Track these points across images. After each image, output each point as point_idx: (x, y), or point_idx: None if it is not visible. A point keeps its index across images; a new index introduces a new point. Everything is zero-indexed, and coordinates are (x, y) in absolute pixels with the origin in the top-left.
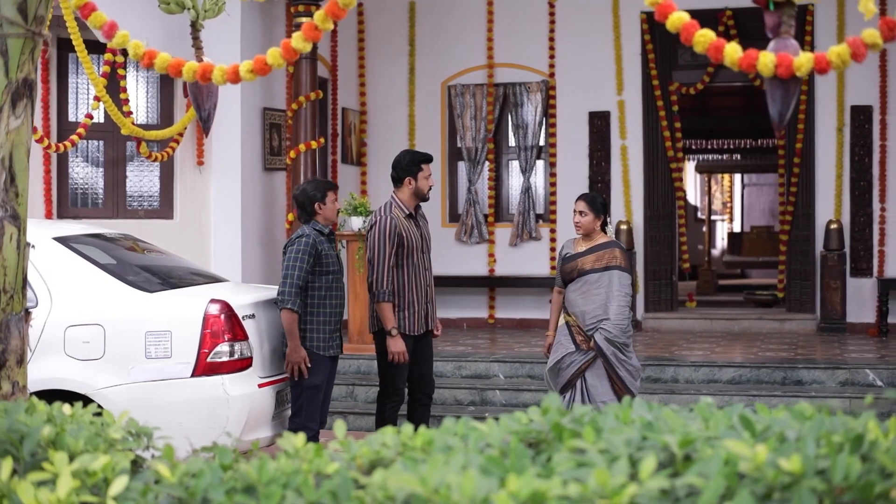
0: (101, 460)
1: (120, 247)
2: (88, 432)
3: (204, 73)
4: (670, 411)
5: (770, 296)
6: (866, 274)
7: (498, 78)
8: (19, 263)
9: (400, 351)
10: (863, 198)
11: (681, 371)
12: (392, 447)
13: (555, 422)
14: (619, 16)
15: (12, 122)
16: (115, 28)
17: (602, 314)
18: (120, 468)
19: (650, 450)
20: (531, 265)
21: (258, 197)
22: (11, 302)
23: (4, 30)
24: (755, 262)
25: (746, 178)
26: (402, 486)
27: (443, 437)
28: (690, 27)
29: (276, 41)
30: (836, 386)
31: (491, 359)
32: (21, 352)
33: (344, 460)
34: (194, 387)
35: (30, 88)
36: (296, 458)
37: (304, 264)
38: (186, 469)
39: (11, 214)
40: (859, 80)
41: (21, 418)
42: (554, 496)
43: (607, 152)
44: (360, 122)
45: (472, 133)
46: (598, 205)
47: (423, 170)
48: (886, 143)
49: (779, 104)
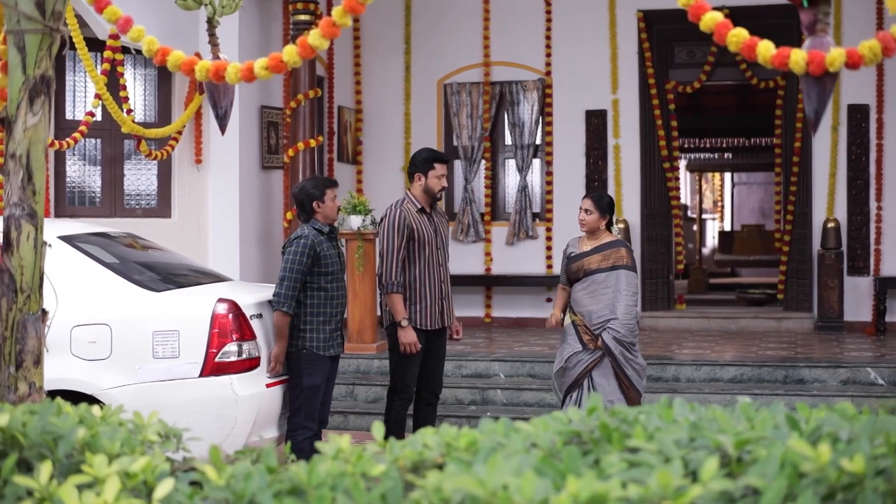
0: (141, 462)
1: (124, 245)
2: (124, 434)
3: (217, 72)
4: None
5: (762, 294)
6: (863, 273)
7: (494, 76)
8: (36, 262)
9: (411, 342)
10: (860, 196)
11: (682, 370)
12: (435, 448)
13: (602, 422)
14: (616, 14)
15: (30, 119)
16: (130, 23)
17: (609, 314)
18: (160, 470)
19: (701, 450)
20: (528, 264)
21: (256, 195)
22: (28, 301)
23: (22, 25)
24: (746, 261)
25: (736, 176)
26: (458, 487)
27: (488, 437)
28: (723, 27)
29: (273, 38)
30: (838, 385)
31: (491, 358)
32: (38, 352)
33: (386, 462)
34: (202, 387)
35: (47, 85)
36: (340, 459)
37: (302, 266)
38: (233, 471)
39: (29, 213)
40: (856, 79)
41: (52, 420)
42: (615, 498)
43: (604, 151)
44: (355, 120)
45: (468, 131)
46: (605, 204)
47: (434, 168)
48: (883, 142)
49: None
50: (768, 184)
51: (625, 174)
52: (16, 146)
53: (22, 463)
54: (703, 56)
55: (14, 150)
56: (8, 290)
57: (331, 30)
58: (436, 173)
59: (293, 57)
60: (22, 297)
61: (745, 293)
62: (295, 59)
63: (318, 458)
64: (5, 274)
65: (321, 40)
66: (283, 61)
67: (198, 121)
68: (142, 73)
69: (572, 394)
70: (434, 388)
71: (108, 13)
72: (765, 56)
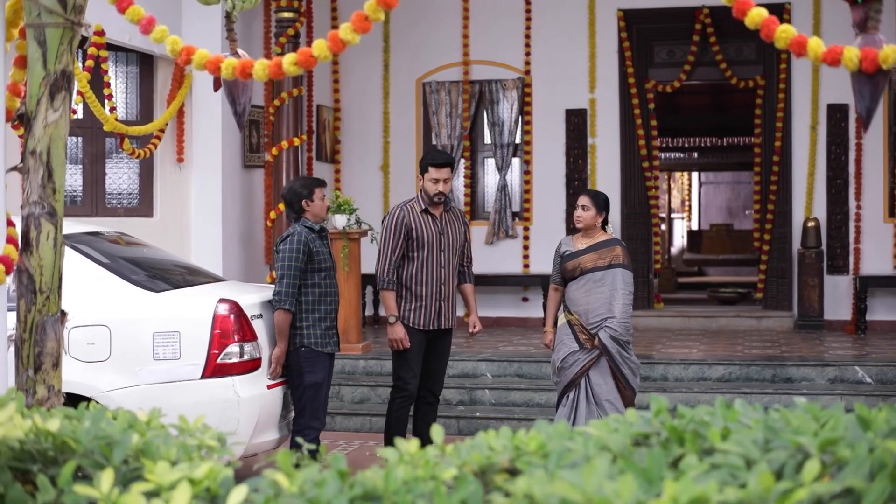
0: (203, 468)
1: (118, 245)
2: (180, 439)
3: (244, 70)
4: (783, 412)
5: (734, 293)
6: (843, 271)
7: (473, 75)
8: (56, 262)
9: (398, 338)
10: (839, 196)
11: (670, 369)
12: (502, 451)
13: (670, 424)
14: (596, 13)
15: (50, 115)
16: (153, 23)
17: (606, 312)
18: (223, 476)
19: (780, 451)
20: (507, 263)
21: (238, 194)
22: (48, 303)
23: (43, 19)
24: (715, 260)
25: (703, 176)
26: (552, 492)
27: (559, 440)
28: (770, 23)
29: (254, 36)
30: (826, 383)
31: (478, 358)
32: (57, 354)
33: (454, 465)
34: (204, 389)
35: (68, 80)
36: (408, 464)
37: (299, 262)
38: (306, 478)
39: (49, 211)
40: (835, 79)
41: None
42: (716, 501)
43: (584, 150)
44: (334, 119)
45: (447, 130)
46: (601, 201)
47: (428, 171)
48: (862, 142)
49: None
50: (735, 183)
51: (604, 173)
52: (36, 143)
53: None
54: (683, 55)
55: (34, 146)
56: (27, 290)
57: (362, 24)
58: (430, 176)
59: (323, 51)
60: (41, 298)
61: (717, 292)
62: (325, 54)
63: (389, 462)
64: (24, 274)
65: (353, 34)
66: (312, 56)
67: (180, 119)
68: (123, 69)
69: (569, 394)
70: (433, 387)
71: (130, 13)
72: (816, 53)
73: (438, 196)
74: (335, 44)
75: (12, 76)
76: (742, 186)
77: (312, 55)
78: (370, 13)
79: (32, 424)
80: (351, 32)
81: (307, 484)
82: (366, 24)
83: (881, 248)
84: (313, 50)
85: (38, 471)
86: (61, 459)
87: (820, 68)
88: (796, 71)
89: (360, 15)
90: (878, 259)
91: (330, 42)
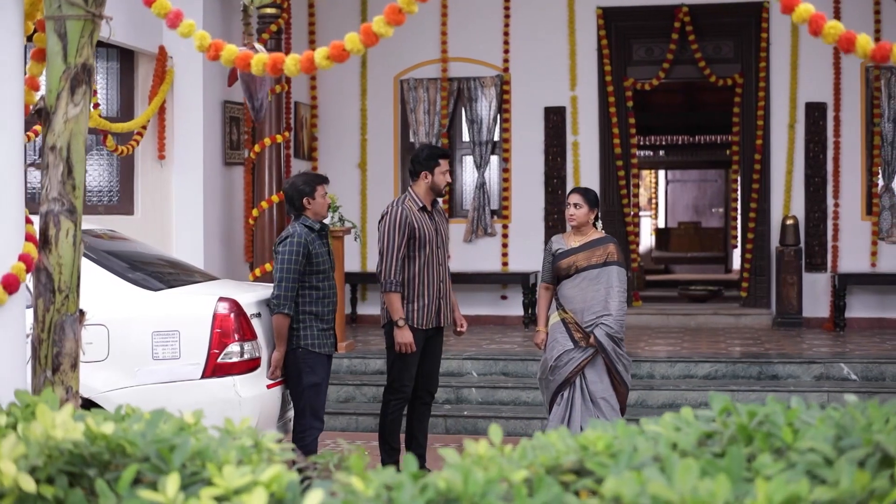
0: (270, 472)
1: (111, 242)
2: (238, 443)
3: (275, 65)
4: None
5: (704, 291)
6: (821, 269)
7: (452, 72)
8: (75, 261)
9: (407, 342)
10: (817, 194)
11: (657, 367)
12: (570, 452)
13: (739, 423)
14: (575, 10)
15: (71, 109)
16: (180, 17)
17: (601, 310)
18: (287, 481)
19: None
20: (486, 261)
21: (219, 192)
22: (66, 302)
23: (63, 11)
24: (683, 258)
25: (670, 174)
26: (643, 492)
27: (626, 439)
28: (818, 19)
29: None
30: (812, 380)
31: (463, 356)
32: (75, 355)
33: (522, 466)
34: (205, 389)
35: (88, 74)
36: (479, 465)
37: (298, 265)
38: (381, 481)
39: (68, 208)
40: (813, 78)
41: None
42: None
43: (563, 148)
44: (311, 116)
45: (425, 128)
46: (592, 197)
47: (440, 164)
48: (840, 140)
49: None
50: (702, 181)
51: (583, 171)
52: (55, 138)
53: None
54: (662, 53)
55: (54, 142)
56: (45, 290)
57: (396, 16)
58: (441, 169)
59: (356, 45)
60: (60, 297)
61: (687, 290)
62: (358, 47)
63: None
64: (42, 273)
65: (386, 27)
66: (345, 49)
67: (161, 116)
68: (104, 65)
69: (563, 392)
70: (430, 387)
71: (156, 7)
72: (864, 49)
73: (446, 186)
74: (368, 37)
75: (30, 69)
76: (709, 185)
77: (345, 49)
78: (404, 5)
79: (86, 427)
80: (384, 25)
81: (383, 488)
82: (399, 16)
83: (859, 246)
84: (346, 44)
85: (95, 475)
86: (115, 463)
87: (798, 66)
88: (775, 69)
89: (393, 7)
90: (855, 257)
91: (363, 35)
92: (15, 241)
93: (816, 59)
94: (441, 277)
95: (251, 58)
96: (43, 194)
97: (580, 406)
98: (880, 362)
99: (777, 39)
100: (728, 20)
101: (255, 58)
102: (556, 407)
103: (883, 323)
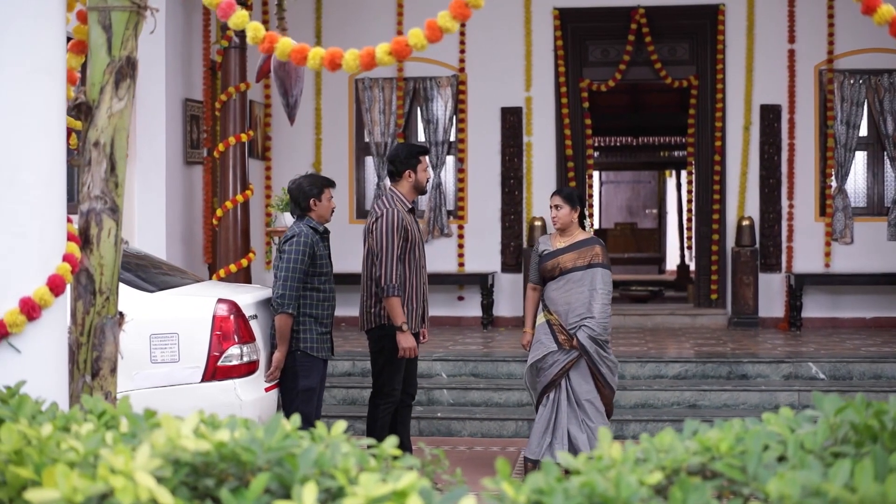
0: (405, 480)
1: None
2: (359, 451)
3: (332, 60)
4: None
5: (646, 291)
6: (775, 269)
7: (408, 72)
8: (116, 261)
9: (411, 346)
10: (772, 195)
11: (627, 367)
12: (695, 454)
13: (864, 423)
14: (531, 11)
15: (115, 104)
16: (232, 7)
17: (585, 312)
18: (419, 486)
19: None
20: (442, 262)
21: (180, 192)
22: (107, 304)
23: (109, 2)
24: (620, 259)
25: (604, 175)
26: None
27: (752, 440)
28: None
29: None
30: (781, 380)
31: (432, 357)
32: (114, 359)
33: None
34: (205, 392)
35: (133, 68)
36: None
37: (304, 265)
38: (532, 486)
39: (111, 207)
40: (768, 80)
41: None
42: None
43: (519, 148)
44: (265, 115)
45: (380, 128)
46: (575, 197)
47: (421, 162)
48: (794, 142)
49: None
50: (636, 182)
51: (539, 172)
52: (99, 133)
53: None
54: (618, 55)
55: (97, 137)
56: (85, 291)
57: (462, 10)
58: (422, 166)
59: (419, 40)
60: (100, 298)
61: (629, 290)
62: (422, 43)
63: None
64: (83, 274)
65: (452, 22)
66: (408, 45)
67: None
68: None
69: (549, 394)
70: (410, 388)
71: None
72: None
73: (427, 182)
74: (433, 32)
75: (67, 62)
76: (642, 186)
77: (408, 44)
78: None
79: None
80: (450, 20)
81: (535, 493)
82: (465, 10)
83: (813, 247)
84: (409, 39)
85: (214, 485)
86: (229, 473)
87: (754, 69)
88: (730, 71)
89: (459, 2)
90: (809, 257)
91: (427, 31)
92: (59, 240)
93: (771, 61)
94: (424, 279)
95: (308, 51)
96: (84, 192)
97: (566, 408)
98: (848, 361)
99: (733, 42)
100: (684, 22)
101: (311, 52)
102: (541, 408)
103: (836, 322)
